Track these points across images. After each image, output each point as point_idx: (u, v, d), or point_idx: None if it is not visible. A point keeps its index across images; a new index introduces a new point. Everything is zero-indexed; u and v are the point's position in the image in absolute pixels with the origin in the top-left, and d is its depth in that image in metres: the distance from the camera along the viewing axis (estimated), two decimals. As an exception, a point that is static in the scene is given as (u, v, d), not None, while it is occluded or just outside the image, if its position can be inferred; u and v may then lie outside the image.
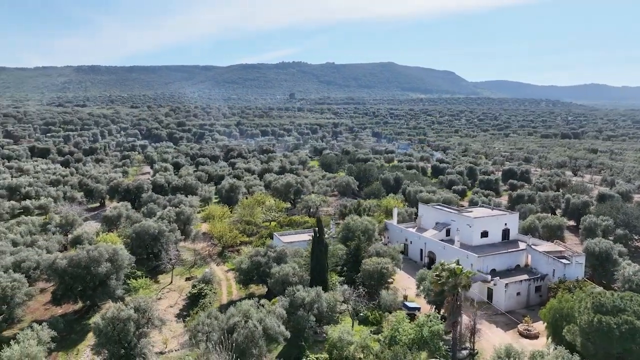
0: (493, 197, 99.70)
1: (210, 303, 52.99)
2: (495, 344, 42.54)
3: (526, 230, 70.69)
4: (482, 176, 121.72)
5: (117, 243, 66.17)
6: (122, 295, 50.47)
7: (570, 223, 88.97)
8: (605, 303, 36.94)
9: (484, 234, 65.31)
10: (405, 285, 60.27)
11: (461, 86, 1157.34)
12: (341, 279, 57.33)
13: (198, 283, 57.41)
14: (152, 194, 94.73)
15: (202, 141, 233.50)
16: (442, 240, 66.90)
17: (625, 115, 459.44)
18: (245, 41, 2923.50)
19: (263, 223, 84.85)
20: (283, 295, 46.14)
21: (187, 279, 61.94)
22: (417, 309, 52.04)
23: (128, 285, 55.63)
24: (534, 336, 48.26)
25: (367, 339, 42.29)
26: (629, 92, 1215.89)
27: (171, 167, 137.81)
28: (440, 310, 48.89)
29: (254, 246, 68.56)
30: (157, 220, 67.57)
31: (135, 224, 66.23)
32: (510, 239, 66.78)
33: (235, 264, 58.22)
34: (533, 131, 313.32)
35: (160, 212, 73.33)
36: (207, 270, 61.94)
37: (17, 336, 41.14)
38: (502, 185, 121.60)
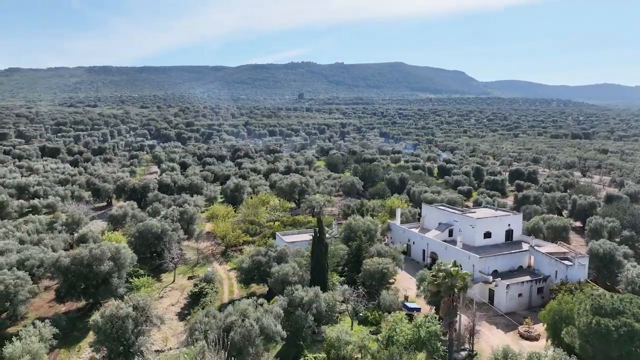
0: (498, 197, 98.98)
1: (211, 302, 53.34)
2: (495, 345, 42.34)
3: (530, 231, 70.16)
4: (488, 177, 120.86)
5: (122, 242, 67.01)
6: (124, 293, 50.97)
7: (577, 224, 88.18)
8: (604, 305, 36.57)
9: (487, 235, 64.93)
10: (406, 285, 60.14)
11: (471, 86, 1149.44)
12: (342, 279, 57.39)
13: (199, 282, 57.84)
14: (157, 194, 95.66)
15: (210, 141, 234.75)
16: (444, 240, 66.62)
17: (639, 115, 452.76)
18: (255, 42, 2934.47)
19: (267, 223, 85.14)
20: (283, 294, 46.34)
21: (189, 278, 62.47)
22: (417, 309, 51.93)
23: (130, 283, 56.22)
24: (535, 338, 47.90)
25: (364, 339, 42.30)
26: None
27: (178, 166, 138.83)
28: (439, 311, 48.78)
29: (256, 246, 68.84)
30: (161, 219, 68.18)
31: (139, 223, 66.88)
32: (513, 240, 66.28)
33: (237, 263, 58.61)
34: (543, 131, 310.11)
35: (164, 212, 73.94)
36: (209, 269, 62.35)
37: (19, 333, 41.98)
38: (508, 185, 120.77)
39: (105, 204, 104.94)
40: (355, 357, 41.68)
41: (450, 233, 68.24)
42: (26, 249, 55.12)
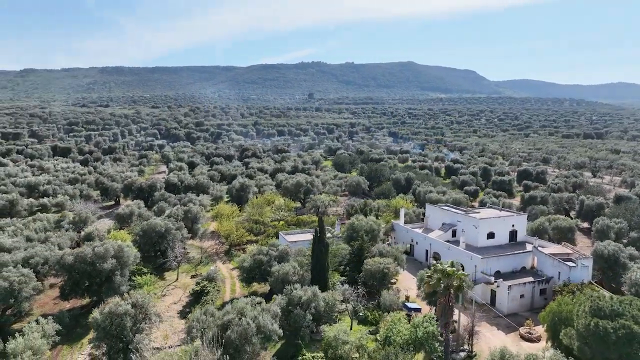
0: (505, 198, 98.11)
1: (212, 300, 53.70)
2: (495, 346, 42.09)
3: (534, 232, 69.48)
4: (496, 177, 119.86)
5: (127, 240, 67.85)
6: (127, 291, 51.57)
7: (584, 225, 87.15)
8: (603, 307, 36.18)
9: (490, 235, 64.49)
10: (408, 285, 60.01)
11: (482, 85, 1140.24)
12: (343, 278, 57.46)
13: (201, 280, 58.29)
14: (164, 193, 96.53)
15: (219, 141, 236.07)
16: (448, 241, 66.31)
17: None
18: (266, 42, 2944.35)
19: (271, 222, 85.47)
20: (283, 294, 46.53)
21: (192, 277, 62.99)
22: (418, 310, 51.78)
23: (133, 281, 56.86)
24: (536, 339, 47.52)
25: (362, 338, 42.36)
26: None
27: (186, 166, 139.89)
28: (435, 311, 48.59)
29: (260, 245, 69.17)
30: (164, 218, 68.83)
31: (143, 222, 67.62)
32: (518, 241, 65.76)
33: (238, 262, 58.97)
34: (554, 131, 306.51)
35: (169, 211, 74.62)
36: (212, 268, 62.79)
37: (23, 329, 42.78)
38: (516, 186, 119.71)
39: (113, 203, 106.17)
40: (353, 356, 41.74)
41: (454, 233, 67.92)
42: (31, 247, 55.98)
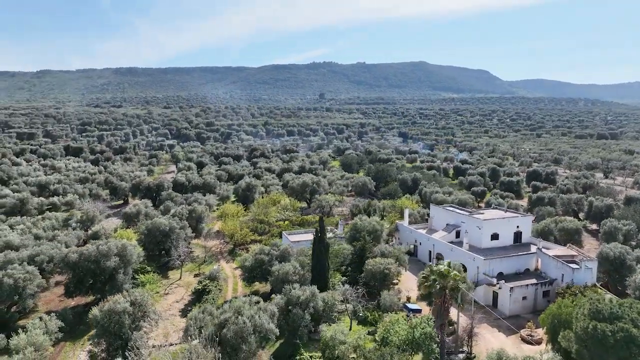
0: (512, 199, 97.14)
1: (213, 299, 54.14)
2: (494, 348, 41.74)
3: (540, 233, 68.68)
4: (504, 178, 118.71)
5: (132, 239, 68.78)
6: (130, 289, 52.24)
7: (593, 227, 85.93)
8: (602, 309, 35.64)
9: (494, 237, 63.91)
10: (410, 286, 59.76)
11: (495, 85, 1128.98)
12: (344, 278, 57.49)
13: (203, 279, 58.78)
14: (171, 192, 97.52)
15: (229, 141, 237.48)
16: (451, 242, 65.87)
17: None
18: (277, 42, 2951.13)
19: (276, 222, 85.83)
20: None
21: (195, 275, 63.55)
22: (418, 311, 51.58)
23: (136, 279, 57.56)
24: (537, 342, 47.01)
25: (359, 339, 42.34)
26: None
27: (195, 166, 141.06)
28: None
29: (263, 244, 69.54)
30: (169, 217, 69.54)
31: (148, 220, 68.39)
32: (522, 242, 65.06)
33: (240, 261, 59.35)
34: (568, 131, 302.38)
35: (173, 210, 75.36)
36: (215, 267, 63.30)
37: (26, 325, 43.66)
38: (525, 187, 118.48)
39: (122, 202, 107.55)
40: (351, 356, 41.77)
41: (457, 234, 67.45)
42: (37, 245, 56.98)
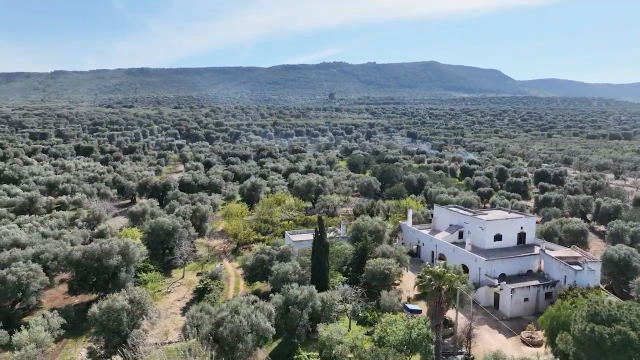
0: (518, 199, 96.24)
1: (214, 298, 54.54)
2: (493, 350, 41.46)
3: (544, 234, 68.00)
4: (511, 178, 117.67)
5: (137, 238, 69.54)
6: (129, 287, 52.80)
7: (601, 228, 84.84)
8: (601, 312, 35.21)
9: (498, 237, 63.41)
10: (411, 287, 58.82)
11: (507, 85, 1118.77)
12: (345, 278, 57.52)
13: (205, 278, 59.21)
14: (177, 192, 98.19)
15: (237, 141, 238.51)
16: (454, 242, 65.52)
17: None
18: (288, 42, 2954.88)
19: (281, 222, 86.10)
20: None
21: (198, 274, 64.04)
22: (418, 311, 51.34)
23: (139, 278, 58.18)
24: (537, 344, 46.59)
25: (357, 339, 42.36)
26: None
27: (202, 166, 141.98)
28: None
29: (266, 244, 69.82)
30: (173, 216, 70.15)
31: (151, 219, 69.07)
32: (526, 243, 64.50)
33: (241, 260, 59.67)
34: (580, 132, 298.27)
35: (177, 209, 75.99)
36: (218, 266, 63.73)
37: (29, 322, 44.43)
38: (533, 187, 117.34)
39: (129, 201, 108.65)
40: (348, 356, 41.81)
41: (461, 235, 67.07)
42: (42, 243, 57.87)
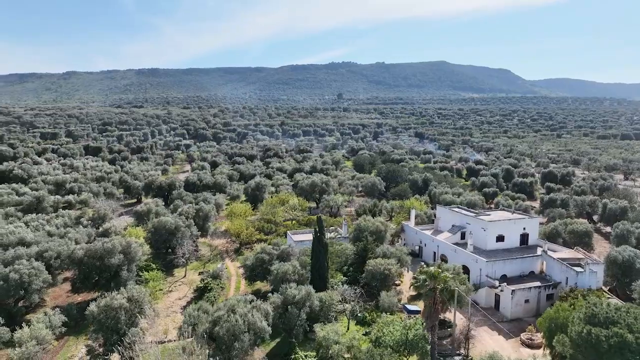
0: (523, 200, 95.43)
1: (214, 297, 54.81)
2: (487, 351, 41.22)
3: (547, 235, 67.35)
4: (517, 179, 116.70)
5: (141, 237, 70.14)
6: (128, 286, 53.24)
7: (607, 230, 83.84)
8: (598, 314, 34.89)
9: (500, 238, 62.97)
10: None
11: (517, 85, 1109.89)
12: (345, 278, 57.55)
13: (206, 277, 59.55)
14: (181, 192, 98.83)
15: (244, 141, 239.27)
16: (456, 243, 65.16)
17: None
18: (296, 42, 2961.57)
19: (284, 222, 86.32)
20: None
21: (199, 273, 64.41)
22: (418, 312, 51.18)
23: (141, 276, 58.69)
24: (537, 346, 46.19)
25: (354, 339, 42.33)
26: None
27: (208, 165, 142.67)
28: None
29: (268, 244, 70.03)
30: (175, 216, 70.65)
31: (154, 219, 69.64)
32: (529, 245, 63.99)
33: (242, 260, 59.93)
34: (590, 132, 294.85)
35: (180, 209, 76.51)
36: (219, 266, 64.05)
37: (31, 320, 45.09)
38: (539, 188, 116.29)
39: (135, 200, 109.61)
40: (345, 356, 41.84)
41: (463, 236, 66.65)
42: (46, 242, 58.57)
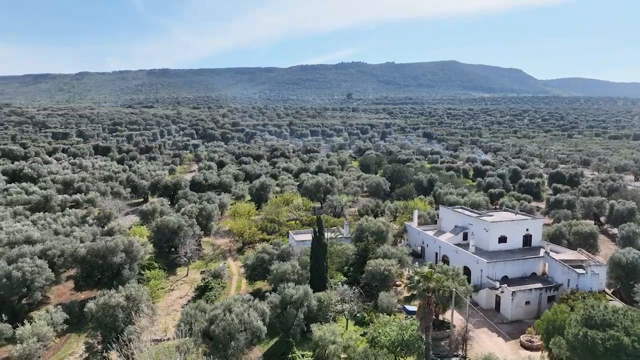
0: (529, 201, 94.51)
1: (214, 296, 55.22)
2: (490, 353, 40.96)
3: (551, 237, 66.65)
4: (524, 179, 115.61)
5: (144, 236, 70.89)
6: (127, 284, 53.81)
7: (614, 231, 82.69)
8: (595, 316, 34.52)
9: (502, 239, 62.46)
10: (412, 288, 59.21)
11: (528, 84, 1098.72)
12: (345, 279, 57.55)
13: (207, 276, 59.98)
14: (187, 191, 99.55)
15: (252, 141, 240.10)
16: (458, 244, 64.76)
17: None
18: (306, 43, 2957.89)
19: (287, 222, 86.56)
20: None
21: (201, 272, 64.89)
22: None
23: (143, 275, 59.29)
24: (537, 348, 45.75)
25: (350, 339, 42.37)
26: None
27: (215, 165, 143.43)
28: (438, 315, 47.81)
29: (270, 243, 70.27)
30: (179, 215, 71.24)
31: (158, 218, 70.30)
32: (532, 246, 63.41)
33: (243, 259, 60.26)
34: (602, 132, 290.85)
35: (184, 208, 77.12)
36: (221, 265, 64.46)
37: (33, 317, 45.85)
38: (547, 189, 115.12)
39: (141, 200, 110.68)
40: (342, 356, 41.88)
41: (465, 236, 66.22)
42: (51, 240, 59.44)
